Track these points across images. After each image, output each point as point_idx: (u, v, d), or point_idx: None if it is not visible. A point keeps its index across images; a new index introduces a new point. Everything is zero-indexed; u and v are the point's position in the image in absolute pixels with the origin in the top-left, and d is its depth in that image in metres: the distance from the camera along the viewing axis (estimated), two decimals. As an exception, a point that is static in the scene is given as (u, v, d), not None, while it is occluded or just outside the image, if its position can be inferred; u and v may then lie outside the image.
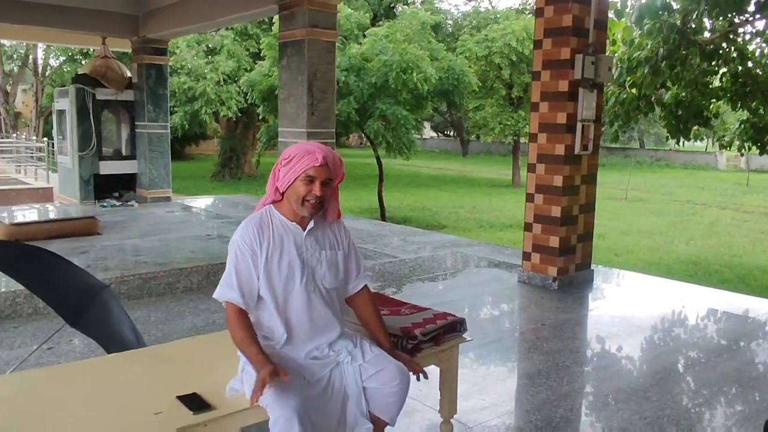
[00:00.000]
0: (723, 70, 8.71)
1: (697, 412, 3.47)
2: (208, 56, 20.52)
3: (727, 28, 8.31)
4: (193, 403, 2.13)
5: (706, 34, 8.51)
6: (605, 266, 7.44)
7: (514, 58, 20.96)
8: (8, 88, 31.21)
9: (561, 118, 5.66)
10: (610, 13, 7.05)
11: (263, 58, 15.89)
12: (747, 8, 7.93)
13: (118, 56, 11.77)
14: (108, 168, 10.75)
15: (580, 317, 5.21)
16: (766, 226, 15.73)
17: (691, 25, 8.05)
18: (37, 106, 30.65)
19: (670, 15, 7.84)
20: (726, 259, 11.69)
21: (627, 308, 5.34)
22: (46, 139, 17.21)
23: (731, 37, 8.42)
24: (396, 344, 2.57)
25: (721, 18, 8.03)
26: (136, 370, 2.47)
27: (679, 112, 8.81)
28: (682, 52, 7.99)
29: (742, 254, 12.26)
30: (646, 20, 7.72)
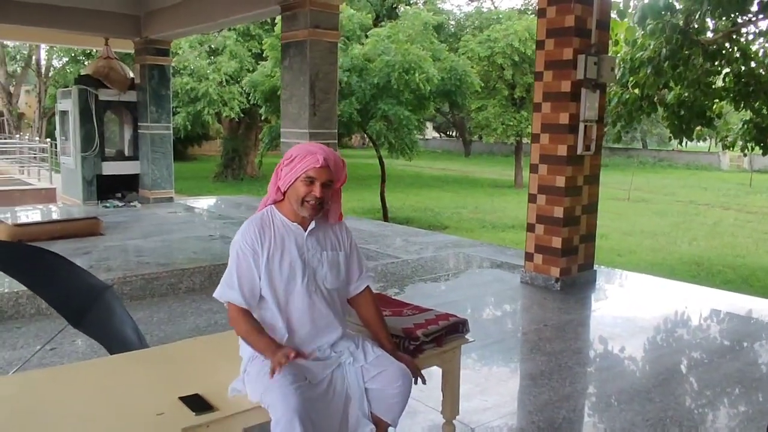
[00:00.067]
0: (726, 70, 8.69)
1: (700, 413, 3.46)
2: (210, 57, 20.55)
3: (730, 28, 8.30)
4: (196, 403, 2.13)
5: (709, 34, 8.50)
6: (608, 267, 7.43)
7: (516, 59, 20.95)
8: (11, 89, 31.24)
9: (563, 118, 5.65)
10: (613, 14, 7.04)
11: (265, 59, 15.92)
12: (750, 8, 7.92)
13: (121, 57, 11.79)
14: (111, 169, 10.78)
15: (582, 318, 5.21)
16: (770, 226, 15.70)
17: (694, 25, 8.04)
18: (40, 107, 30.67)
19: (673, 15, 7.83)
20: (729, 260, 11.66)
21: (630, 309, 5.33)
22: (49, 140, 17.24)
23: (734, 37, 8.41)
24: (398, 345, 2.57)
25: (723, 18, 8.03)
26: (138, 371, 2.47)
27: (682, 112, 8.79)
28: (684, 53, 7.98)
29: (745, 255, 12.23)
30: (648, 20, 7.71)
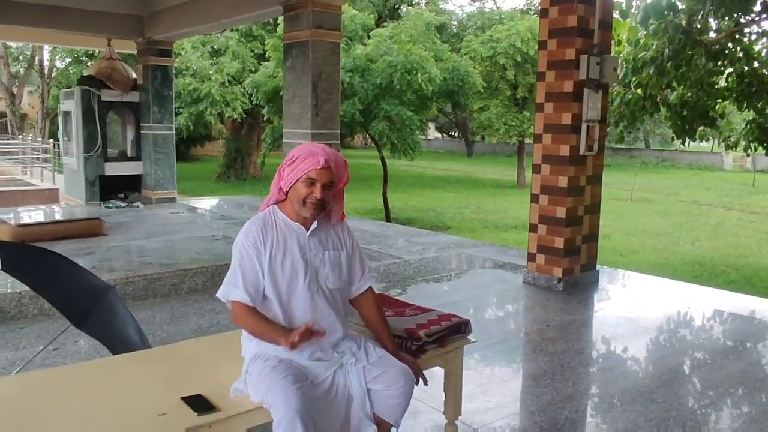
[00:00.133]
0: (729, 70, 8.68)
1: (703, 413, 3.45)
2: (213, 57, 20.56)
3: (733, 28, 8.28)
4: (198, 404, 2.13)
5: (711, 34, 8.47)
6: (610, 267, 7.42)
7: (518, 59, 20.92)
8: (14, 89, 31.30)
9: (566, 118, 5.64)
10: (615, 14, 7.04)
11: (268, 60, 15.92)
12: (753, 8, 7.89)
13: (124, 58, 11.80)
14: (113, 169, 10.79)
15: (585, 318, 5.20)
16: (773, 226, 15.67)
17: (697, 25, 8.02)
18: (43, 108, 30.73)
19: (676, 15, 7.81)
20: (732, 260, 11.64)
21: (632, 309, 5.32)
22: (51, 141, 17.29)
23: (737, 37, 8.39)
24: (400, 345, 2.57)
25: (726, 18, 8.00)
26: (140, 371, 2.48)
27: (685, 112, 8.78)
28: (687, 53, 7.97)
29: (748, 255, 12.20)
30: (651, 20, 7.70)
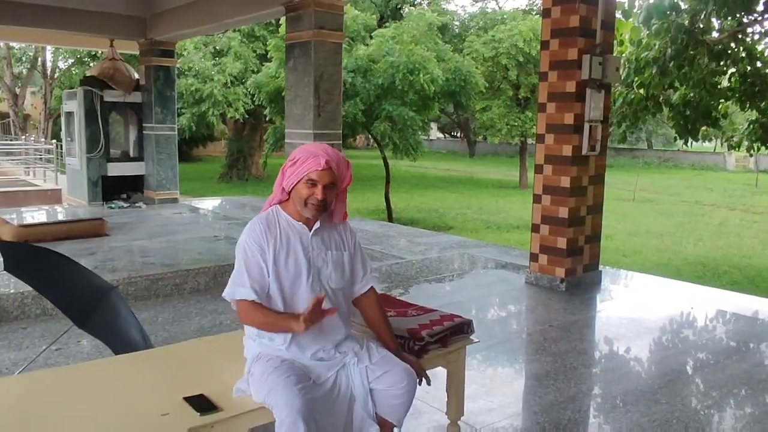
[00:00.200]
0: (731, 70, 8.66)
1: (707, 414, 3.44)
2: (215, 58, 20.57)
3: (736, 28, 8.26)
4: (200, 404, 2.13)
5: (714, 34, 8.46)
6: (613, 267, 7.41)
7: (521, 59, 20.91)
8: (17, 90, 31.37)
9: (568, 118, 5.63)
10: (618, 14, 7.02)
11: (270, 60, 15.92)
12: (756, 8, 7.88)
13: (126, 58, 11.82)
14: (116, 169, 10.81)
15: (587, 319, 5.19)
16: (776, 227, 15.64)
17: (700, 25, 8.01)
18: (45, 109, 30.78)
19: (678, 15, 7.80)
20: (735, 261, 11.61)
21: (635, 310, 5.31)
22: (54, 141, 17.29)
23: (740, 37, 8.37)
24: (403, 346, 2.57)
25: (729, 18, 7.99)
26: (143, 372, 2.48)
27: (688, 112, 8.76)
28: (690, 53, 7.95)
29: (751, 255, 12.18)
30: (653, 20, 7.69)
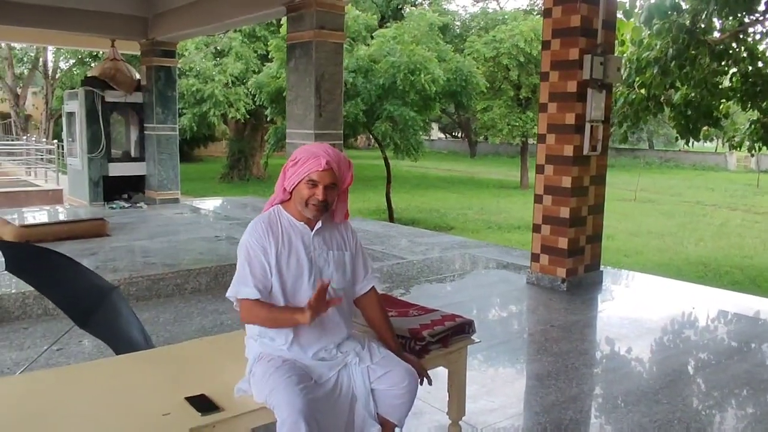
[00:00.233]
0: (733, 70, 8.65)
1: (708, 414, 3.44)
2: (216, 58, 20.58)
3: (737, 28, 8.26)
4: (202, 404, 2.13)
5: (715, 33, 8.46)
6: (614, 267, 7.40)
7: (522, 59, 20.90)
8: (18, 90, 31.42)
9: (569, 118, 5.63)
10: (619, 14, 7.02)
11: (271, 60, 15.93)
12: (757, 8, 7.88)
13: (127, 59, 11.83)
14: (117, 170, 10.81)
15: (589, 319, 5.19)
16: (777, 227, 15.62)
17: (701, 24, 8.00)
18: (47, 109, 30.81)
19: (680, 15, 7.80)
20: (736, 261, 11.60)
21: (636, 310, 5.31)
22: (55, 141, 17.30)
23: (741, 36, 8.37)
24: (404, 346, 2.56)
25: (730, 18, 7.99)
26: (144, 372, 2.48)
27: (689, 112, 8.75)
28: (691, 52, 7.95)
29: (752, 255, 12.17)
30: (655, 20, 7.68)
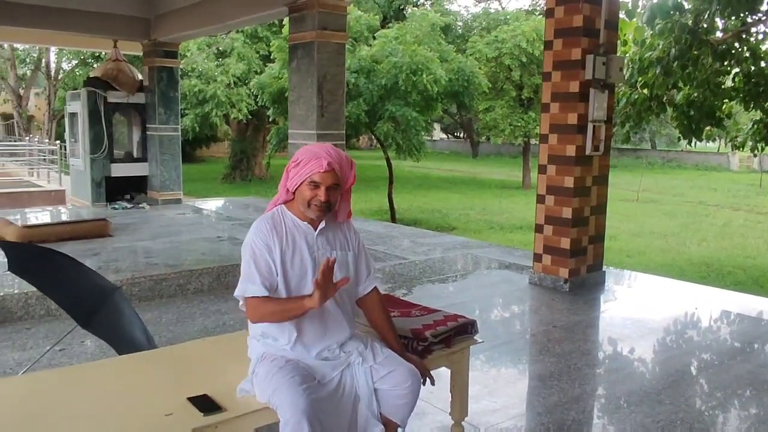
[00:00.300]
0: (735, 70, 8.64)
1: (711, 415, 3.43)
2: (218, 59, 20.61)
3: (740, 28, 8.24)
4: (204, 404, 2.13)
5: (718, 33, 8.44)
6: (617, 268, 7.39)
7: (524, 59, 20.89)
8: (21, 91, 31.47)
9: (572, 118, 5.63)
10: (621, 14, 7.02)
11: (273, 61, 15.96)
12: (759, 8, 7.87)
13: (130, 59, 11.84)
14: (119, 170, 10.83)
15: (591, 319, 5.18)
16: (780, 227, 15.59)
17: (703, 24, 7.99)
18: (49, 110, 30.85)
19: (682, 15, 7.79)
20: (739, 261, 11.58)
21: (639, 310, 5.30)
22: (58, 142, 17.32)
23: (744, 36, 8.35)
24: (406, 346, 2.56)
25: (733, 18, 7.98)
26: (147, 372, 2.48)
27: (691, 112, 8.74)
28: (694, 52, 7.94)
29: (755, 256, 12.15)
30: (657, 20, 7.68)
